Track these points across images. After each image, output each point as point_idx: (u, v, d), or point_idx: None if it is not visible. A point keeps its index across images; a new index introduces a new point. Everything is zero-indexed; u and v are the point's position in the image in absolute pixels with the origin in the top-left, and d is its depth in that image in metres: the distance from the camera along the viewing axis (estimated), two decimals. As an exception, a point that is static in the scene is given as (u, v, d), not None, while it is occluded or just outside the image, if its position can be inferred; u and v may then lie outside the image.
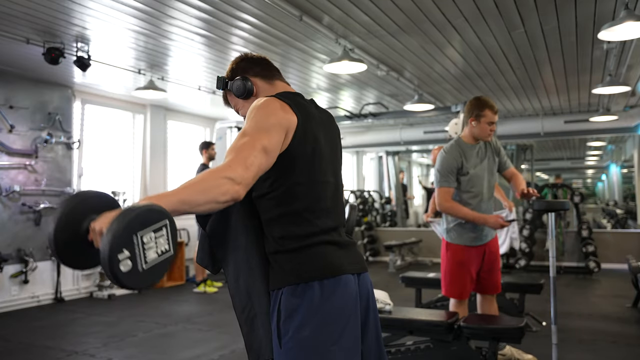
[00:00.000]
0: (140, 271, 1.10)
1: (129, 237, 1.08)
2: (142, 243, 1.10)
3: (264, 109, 1.41)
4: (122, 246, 1.07)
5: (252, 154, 1.30)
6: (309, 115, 1.50)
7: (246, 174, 1.27)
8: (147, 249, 1.11)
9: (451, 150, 3.27)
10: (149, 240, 1.11)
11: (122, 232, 1.07)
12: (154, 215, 1.13)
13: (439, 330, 2.96)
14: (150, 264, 1.12)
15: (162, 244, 1.15)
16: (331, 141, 1.59)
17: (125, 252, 1.07)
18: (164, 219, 1.14)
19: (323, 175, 1.51)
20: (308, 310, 1.39)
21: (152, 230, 1.12)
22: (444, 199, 3.20)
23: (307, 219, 1.45)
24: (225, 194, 1.23)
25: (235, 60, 1.67)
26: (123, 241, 1.07)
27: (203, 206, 1.23)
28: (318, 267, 1.43)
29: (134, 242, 1.08)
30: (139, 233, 1.09)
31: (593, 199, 22.48)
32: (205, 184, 1.22)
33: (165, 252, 1.16)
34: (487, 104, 3.24)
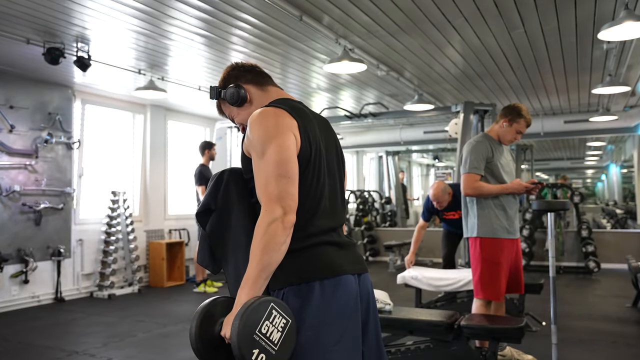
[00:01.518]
0: (275, 354, 1.29)
1: (251, 340, 1.26)
2: (264, 335, 1.28)
3: (263, 123, 1.43)
4: (251, 349, 1.26)
5: (276, 182, 1.38)
6: (306, 117, 1.51)
7: (284, 203, 1.37)
8: (270, 335, 1.29)
9: (482, 140, 3.37)
10: (268, 328, 1.29)
11: (244, 340, 1.25)
12: (259, 310, 1.29)
13: (439, 330, 2.96)
14: (279, 343, 1.30)
15: (279, 322, 1.31)
16: (329, 142, 1.60)
17: (255, 352, 1.26)
18: (267, 305, 1.30)
19: (322, 177, 1.51)
20: (309, 311, 1.39)
21: (266, 321, 1.29)
22: (471, 183, 3.23)
23: (307, 220, 1.46)
24: (283, 235, 1.35)
25: (227, 69, 1.68)
26: (249, 345, 1.25)
27: (277, 258, 1.36)
28: (319, 268, 1.43)
29: (256, 340, 1.27)
30: (257, 331, 1.27)
31: (593, 199, 22.48)
32: (264, 242, 1.34)
33: (285, 325, 1.32)
34: (526, 116, 3.36)
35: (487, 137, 3.39)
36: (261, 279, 1.34)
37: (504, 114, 3.37)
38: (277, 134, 1.41)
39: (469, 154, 3.30)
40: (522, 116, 3.33)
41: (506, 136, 3.37)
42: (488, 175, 3.28)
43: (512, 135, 3.36)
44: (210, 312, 1.40)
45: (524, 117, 3.33)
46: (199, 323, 1.37)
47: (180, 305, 5.95)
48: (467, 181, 3.25)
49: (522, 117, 3.33)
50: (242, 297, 1.33)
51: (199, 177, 6.31)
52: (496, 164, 3.29)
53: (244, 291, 1.34)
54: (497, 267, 3.21)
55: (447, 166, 15.29)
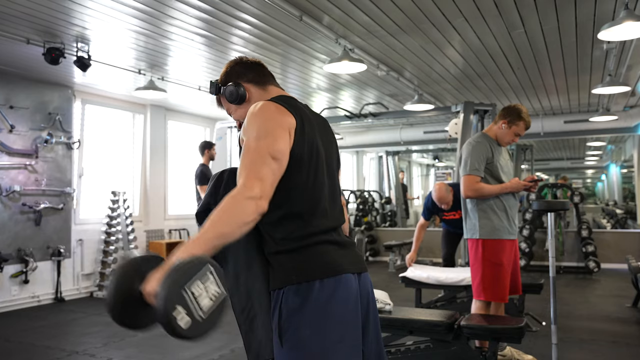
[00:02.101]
0: (200, 321, 1.16)
1: (178, 294, 1.13)
2: (193, 295, 1.15)
3: (262, 115, 1.42)
4: (175, 303, 1.12)
5: (263, 165, 1.34)
6: (305, 116, 1.51)
7: (264, 187, 1.32)
8: (199, 298, 1.17)
9: (481, 140, 3.34)
10: (199, 289, 1.17)
11: (171, 290, 1.12)
12: (195, 266, 1.17)
13: (439, 330, 2.96)
14: (207, 311, 1.18)
15: (212, 289, 1.20)
16: (327, 143, 1.60)
17: (179, 308, 1.13)
18: (205, 265, 1.19)
19: (321, 177, 1.51)
20: (310, 309, 1.39)
21: (198, 280, 1.17)
22: (471, 185, 3.21)
23: (306, 220, 1.46)
24: (251, 214, 1.28)
25: (230, 64, 1.67)
26: (174, 299, 1.12)
27: (235, 233, 1.28)
28: (319, 266, 1.43)
29: (184, 297, 1.14)
30: (186, 287, 1.14)
31: (593, 199, 22.49)
32: (229, 213, 1.27)
33: (218, 295, 1.21)
34: (525, 118, 3.33)
35: (486, 138, 3.37)
36: (209, 245, 1.23)
37: (503, 114, 3.34)
38: (275, 128, 1.40)
39: (469, 155, 3.27)
40: (522, 118, 3.30)
41: (504, 138, 3.35)
42: (487, 176, 3.27)
43: (510, 137, 3.33)
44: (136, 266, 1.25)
45: (524, 120, 3.31)
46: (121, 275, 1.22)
47: (180, 305, 5.95)
48: (468, 183, 3.23)
49: (521, 119, 3.30)
50: (179, 252, 1.22)
51: (201, 177, 6.31)
52: (496, 165, 3.28)
53: (184, 248, 1.22)
54: (500, 268, 3.20)
55: (447, 166, 15.29)
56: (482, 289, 3.23)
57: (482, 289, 3.24)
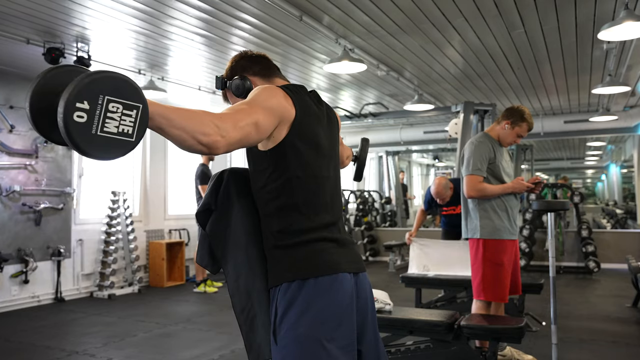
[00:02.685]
0: (92, 133, 1.01)
1: (94, 93, 1.00)
2: (107, 109, 1.02)
3: (268, 92, 1.41)
4: (85, 98, 0.99)
5: (245, 120, 1.28)
6: (308, 109, 1.50)
7: (232, 132, 1.24)
8: (108, 117, 1.02)
9: (483, 140, 3.33)
10: (115, 110, 1.03)
11: (91, 84, 1.00)
12: (130, 91, 1.06)
13: (439, 330, 2.96)
14: (105, 134, 1.03)
15: (127, 125, 1.05)
16: (331, 136, 1.59)
17: (85, 103, 0.99)
18: (139, 101, 1.07)
19: (321, 170, 1.51)
20: (304, 307, 1.39)
21: (121, 104, 1.04)
22: (474, 185, 3.21)
23: (305, 213, 1.45)
24: (205, 135, 1.18)
25: (235, 58, 1.66)
26: (88, 93, 1.00)
27: (178, 131, 1.15)
28: (315, 264, 1.43)
29: (98, 101, 1.01)
30: (107, 96, 1.02)
31: (593, 199, 22.50)
32: (193, 115, 1.18)
33: (126, 134, 1.06)
34: (528, 120, 3.34)
35: (488, 137, 3.37)
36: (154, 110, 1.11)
37: (506, 115, 3.34)
38: (274, 106, 1.38)
39: (471, 155, 3.26)
40: (525, 120, 3.30)
41: (506, 138, 3.35)
42: (489, 176, 3.26)
43: (512, 138, 3.34)
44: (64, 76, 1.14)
45: (527, 121, 3.31)
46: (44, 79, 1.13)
47: (180, 305, 5.95)
48: (470, 183, 3.22)
49: (524, 120, 3.31)
50: None
51: (202, 177, 6.32)
52: (498, 165, 3.28)
53: None
54: (501, 268, 3.20)
55: (447, 166, 15.30)
56: (483, 289, 3.23)
57: (482, 289, 3.24)
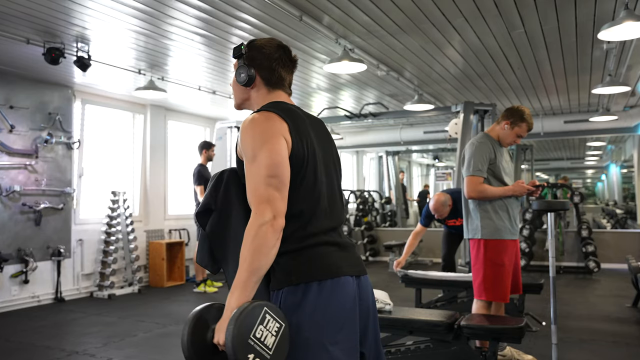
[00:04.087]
0: (269, 357, 1.30)
1: (246, 344, 1.27)
2: (258, 339, 1.29)
3: (252, 130, 1.44)
4: (246, 353, 1.26)
5: (266, 186, 1.38)
6: (297, 118, 1.51)
7: (274, 206, 1.37)
8: (264, 339, 1.30)
9: (484, 141, 3.33)
10: (262, 332, 1.30)
11: (239, 345, 1.26)
12: (253, 314, 1.30)
13: (439, 330, 2.96)
14: (273, 347, 1.31)
15: (273, 326, 1.32)
16: (323, 142, 1.60)
17: (250, 356, 1.27)
18: (261, 309, 1.31)
19: (319, 176, 1.51)
20: (307, 311, 1.40)
21: (260, 325, 1.30)
22: (474, 186, 3.20)
23: (306, 220, 1.46)
24: (271, 238, 1.35)
25: (270, 43, 1.62)
26: (244, 350, 1.26)
27: (267, 260, 1.36)
28: (317, 268, 1.43)
29: (251, 344, 1.27)
30: (251, 335, 1.28)
31: (593, 199, 22.50)
32: (255, 245, 1.34)
33: (279, 329, 1.33)
34: (528, 120, 3.34)
35: (489, 138, 3.37)
36: (251, 283, 1.34)
37: (506, 115, 3.34)
38: (268, 139, 1.42)
39: (472, 156, 3.26)
40: (525, 120, 3.31)
41: (506, 139, 3.36)
42: (490, 177, 3.26)
43: (512, 138, 3.34)
44: (202, 319, 1.39)
45: (527, 121, 3.31)
46: (191, 330, 1.36)
47: (180, 305, 5.95)
48: (471, 184, 3.22)
49: (524, 120, 3.31)
50: (233, 301, 1.33)
51: (198, 177, 6.32)
52: (498, 166, 3.28)
53: (234, 296, 1.34)
54: (502, 268, 3.20)
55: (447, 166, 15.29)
56: (484, 289, 3.23)
57: (483, 289, 3.24)
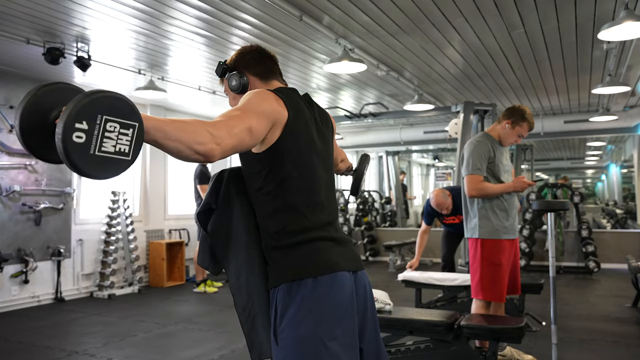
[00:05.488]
0: (90, 153, 1.02)
1: (93, 113, 1.01)
2: (104, 129, 1.03)
3: (260, 96, 1.43)
4: (83, 118, 1.00)
5: (239, 127, 1.29)
6: (300, 111, 1.51)
7: (227, 140, 1.25)
8: (106, 137, 1.03)
9: (483, 140, 3.34)
10: (112, 130, 1.04)
11: (89, 104, 1.01)
12: (126, 109, 1.06)
13: (439, 330, 2.96)
14: (103, 154, 1.04)
15: (123, 144, 1.06)
16: (324, 136, 1.61)
17: (84, 124, 1.00)
18: (135, 120, 1.07)
19: (316, 170, 1.52)
20: (303, 307, 1.39)
21: (118, 123, 1.04)
22: (475, 184, 3.21)
23: (301, 213, 1.46)
24: (201, 145, 1.18)
25: (244, 50, 1.66)
26: (86, 113, 1.00)
27: (174, 142, 1.15)
28: (313, 264, 1.43)
29: (96, 121, 1.01)
30: (105, 116, 1.02)
31: (593, 199, 22.50)
32: (187, 125, 1.18)
33: (123, 153, 1.07)
34: (529, 120, 3.35)
35: (488, 137, 3.37)
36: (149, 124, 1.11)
37: (507, 115, 3.35)
38: (266, 110, 1.39)
39: (470, 155, 3.27)
40: (526, 119, 3.31)
41: (507, 138, 3.36)
42: (488, 176, 3.27)
43: (513, 137, 3.35)
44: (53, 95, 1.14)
45: (528, 121, 3.32)
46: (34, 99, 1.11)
47: (180, 305, 5.95)
48: (471, 182, 3.23)
49: (525, 120, 3.31)
50: None
51: (201, 176, 6.32)
52: (497, 165, 3.28)
53: None
54: (499, 268, 3.20)
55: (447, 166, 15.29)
56: (481, 288, 3.24)
57: (480, 288, 3.25)
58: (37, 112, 1.12)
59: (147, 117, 1.12)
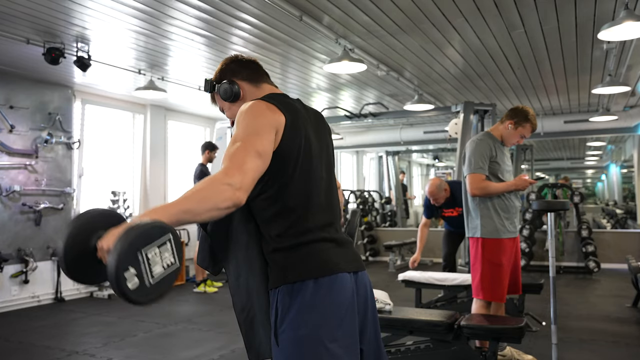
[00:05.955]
0: (148, 286, 1.14)
1: (133, 255, 1.11)
2: (147, 259, 1.14)
3: (252, 112, 1.43)
4: (128, 264, 1.10)
5: (247, 159, 1.32)
6: (296, 112, 1.51)
7: (245, 179, 1.29)
8: (152, 264, 1.15)
9: (484, 139, 3.35)
10: (154, 255, 1.16)
11: (127, 250, 1.10)
12: (156, 231, 1.16)
13: (439, 330, 2.96)
14: (157, 278, 1.16)
15: (168, 258, 1.18)
16: (321, 137, 1.60)
17: (131, 269, 1.11)
18: (166, 233, 1.17)
19: (315, 171, 1.51)
20: (304, 309, 1.39)
21: (156, 246, 1.16)
22: (477, 183, 3.21)
23: (302, 215, 1.46)
24: (225, 200, 1.25)
25: (225, 61, 1.68)
26: (128, 259, 1.10)
27: (204, 214, 1.24)
28: (314, 266, 1.43)
29: (139, 259, 1.12)
30: (143, 250, 1.13)
31: (593, 199, 22.50)
32: (205, 192, 1.25)
33: (171, 265, 1.20)
34: (532, 121, 3.34)
35: (490, 136, 3.37)
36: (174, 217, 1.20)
37: (510, 115, 3.34)
38: (263, 125, 1.40)
39: (472, 154, 3.27)
40: (529, 120, 3.31)
41: (510, 139, 3.36)
42: (490, 175, 3.28)
43: (515, 138, 3.35)
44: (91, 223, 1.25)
45: (531, 122, 3.31)
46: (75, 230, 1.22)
47: (180, 305, 5.95)
48: (473, 181, 3.23)
49: (528, 121, 3.31)
50: (143, 215, 1.21)
51: (200, 177, 6.32)
52: (498, 163, 3.28)
53: (150, 212, 1.20)
54: (499, 268, 3.20)
55: (447, 166, 15.30)
56: (481, 288, 3.24)
57: (481, 288, 3.24)
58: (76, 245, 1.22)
59: (166, 207, 1.21)
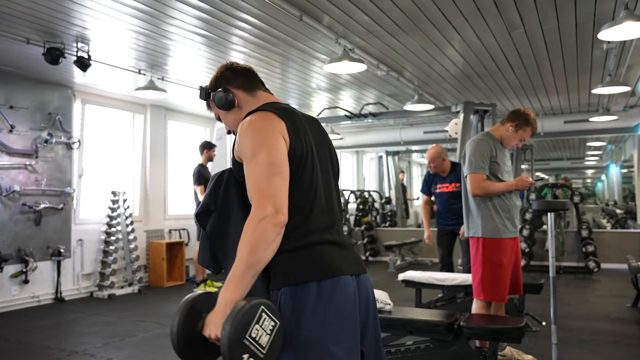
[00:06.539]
0: (264, 358, 1.29)
1: (241, 344, 1.26)
2: (253, 339, 1.28)
3: (251, 130, 1.44)
4: (240, 354, 1.25)
5: (270, 178, 1.37)
6: (294, 116, 1.52)
7: (276, 202, 1.35)
8: (258, 338, 1.29)
9: (484, 139, 3.35)
10: (257, 332, 1.29)
11: (235, 344, 1.25)
12: (249, 314, 1.28)
13: (439, 330, 2.96)
14: (267, 346, 1.30)
15: (268, 324, 1.31)
16: (320, 140, 1.61)
17: (244, 356, 1.26)
18: (257, 308, 1.30)
19: (316, 173, 1.52)
20: (306, 311, 1.39)
21: (255, 324, 1.28)
22: (478, 183, 3.22)
23: (304, 217, 1.46)
24: (271, 233, 1.33)
25: (220, 69, 1.69)
26: (239, 350, 1.25)
27: (266, 256, 1.33)
28: (316, 268, 1.43)
29: (246, 344, 1.26)
30: (247, 335, 1.27)
31: (593, 199, 22.51)
32: (252, 241, 1.31)
33: (274, 327, 1.32)
34: (533, 125, 3.36)
35: (490, 136, 3.38)
36: (247, 277, 1.32)
37: (511, 117, 3.35)
38: (267, 138, 1.42)
39: (472, 154, 3.28)
40: (530, 124, 3.31)
41: (510, 141, 3.36)
42: (490, 175, 3.28)
43: (515, 140, 3.35)
44: (195, 308, 1.38)
45: (531, 126, 3.32)
46: (183, 318, 1.35)
47: (180, 305, 5.94)
48: (474, 181, 3.23)
49: (529, 124, 3.31)
50: (227, 295, 1.31)
51: (198, 177, 6.32)
52: (498, 164, 3.29)
53: (228, 289, 1.31)
54: (500, 268, 3.20)
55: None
56: (482, 288, 3.24)
57: (481, 289, 3.24)
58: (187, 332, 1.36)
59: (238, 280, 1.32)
